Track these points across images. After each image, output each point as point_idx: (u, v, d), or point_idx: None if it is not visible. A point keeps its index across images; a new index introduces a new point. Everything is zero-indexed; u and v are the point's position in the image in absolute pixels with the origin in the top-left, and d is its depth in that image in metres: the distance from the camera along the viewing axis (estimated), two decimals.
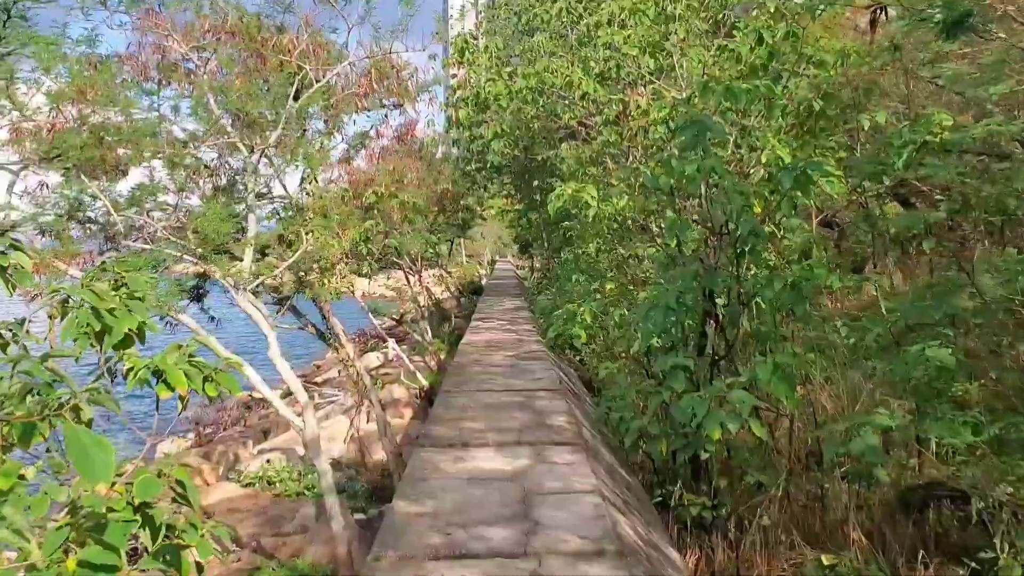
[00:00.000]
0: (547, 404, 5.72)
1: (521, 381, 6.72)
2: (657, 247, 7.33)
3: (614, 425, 5.49)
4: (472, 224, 25.87)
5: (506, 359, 8.02)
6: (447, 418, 5.24)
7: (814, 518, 5.61)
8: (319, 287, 8.07)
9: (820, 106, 6.14)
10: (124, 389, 3.23)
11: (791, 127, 6.48)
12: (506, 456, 4.33)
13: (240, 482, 9.19)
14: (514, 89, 9.72)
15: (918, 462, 5.79)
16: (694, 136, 5.10)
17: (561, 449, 4.50)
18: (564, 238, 12.10)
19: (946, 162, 4.47)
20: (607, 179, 8.68)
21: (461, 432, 4.86)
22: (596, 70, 8.65)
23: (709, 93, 5.89)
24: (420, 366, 14.75)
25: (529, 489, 3.71)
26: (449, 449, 4.47)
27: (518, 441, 4.62)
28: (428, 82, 8.54)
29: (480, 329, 11.02)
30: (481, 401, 5.77)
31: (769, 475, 5.72)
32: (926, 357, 4.33)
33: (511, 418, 5.24)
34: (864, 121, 5.69)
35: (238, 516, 8.07)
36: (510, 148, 13.56)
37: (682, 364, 5.16)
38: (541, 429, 4.97)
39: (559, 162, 11.56)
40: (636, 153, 8.33)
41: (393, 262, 15.77)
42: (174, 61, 7.26)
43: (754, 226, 4.85)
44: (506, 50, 14.09)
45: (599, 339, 9.25)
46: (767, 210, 5.64)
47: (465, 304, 23.61)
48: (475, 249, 46.71)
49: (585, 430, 5.25)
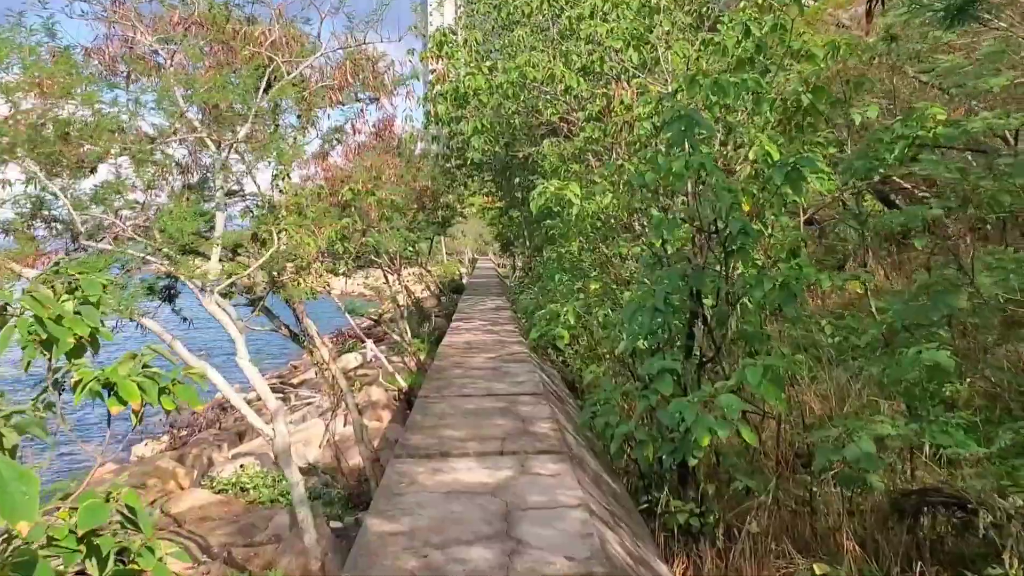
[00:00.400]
0: (530, 410, 5.50)
1: (503, 385, 6.50)
2: (641, 246, 7.16)
3: (599, 430, 5.30)
4: (453, 222, 25.65)
5: (488, 362, 7.80)
6: (426, 426, 5.01)
7: (804, 524, 5.46)
8: (292, 287, 7.81)
9: (809, 100, 5.99)
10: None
11: (777, 122, 6.33)
12: (488, 467, 4.11)
13: (213, 488, 8.89)
14: (494, 83, 9.50)
15: (910, 466, 5.67)
16: (681, 131, 4.92)
17: (545, 458, 4.29)
18: (546, 236, 11.90)
19: (946, 158, 4.32)
20: (590, 176, 8.49)
21: (440, 441, 4.63)
22: (578, 64, 8.45)
23: (696, 87, 5.72)
24: (399, 367, 14.48)
25: (512, 504, 3.49)
26: (427, 460, 4.24)
27: (500, 450, 4.40)
28: (405, 75, 8.28)
29: (461, 330, 10.79)
30: (462, 407, 5.55)
31: (757, 480, 5.57)
32: (922, 359, 4.18)
33: (493, 425, 5.02)
34: (856, 115, 5.55)
35: (209, 524, 7.79)
36: (490, 145, 13.32)
37: (669, 367, 4.99)
38: (524, 437, 4.75)
39: (541, 159, 11.35)
40: (620, 150, 8.15)
41: (372, 260, 15.51)
42: (142, 54, 6.94)
43: (744, 224, 4.67)
44: (486, 45, 13.86)
45: (583, 340, 9.07)
46: (755, 208, 5.48)
47: (446, 303, 23.36)
48: (456, 247, 46.45)
49: (570, 436, 5.05)
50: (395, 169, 17.89)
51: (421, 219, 20.86)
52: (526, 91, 9.74)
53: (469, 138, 12.08)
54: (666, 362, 5.00)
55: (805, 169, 4.69)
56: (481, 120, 9.82)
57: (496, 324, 11.59)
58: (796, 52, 5.96)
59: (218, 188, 5.41)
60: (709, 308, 5.35)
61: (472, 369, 7.27)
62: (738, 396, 4.62)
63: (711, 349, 5.36)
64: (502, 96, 9.80)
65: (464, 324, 11.73)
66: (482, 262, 46.69)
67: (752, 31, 6.12)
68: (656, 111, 6.13)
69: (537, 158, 12.03)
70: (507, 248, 29.41)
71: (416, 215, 20.28)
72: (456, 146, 17.38)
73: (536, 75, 8.69)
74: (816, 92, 5.84)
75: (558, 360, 10.30)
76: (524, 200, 14.62)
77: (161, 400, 3.15)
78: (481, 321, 12.09)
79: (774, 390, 4.59)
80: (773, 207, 5.10)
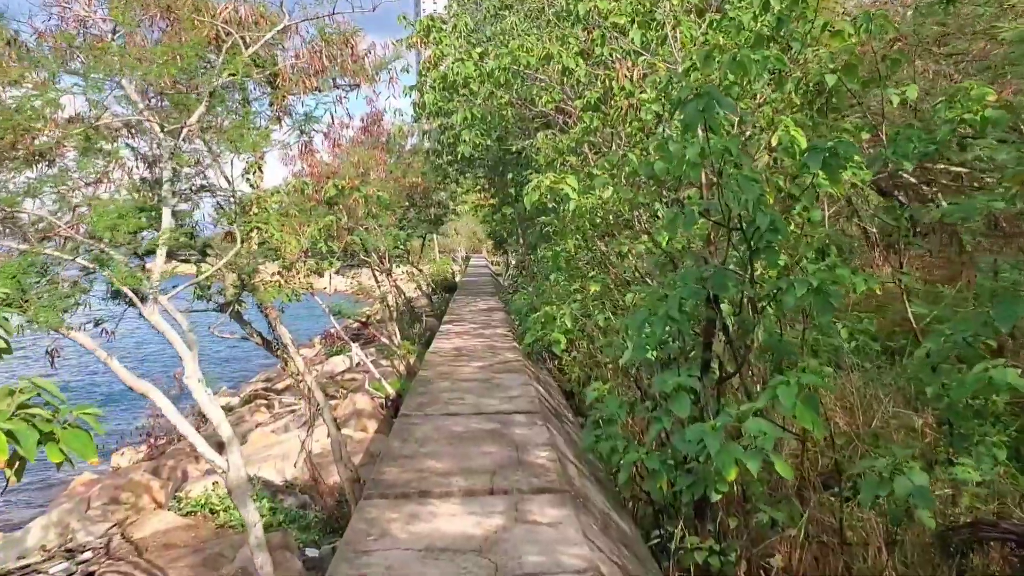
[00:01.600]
0: (525, 433, 4.82)
1: (495, 401, 5.81)
2: (646, 244, 6.50)
3: (604, 456, 4.62)
4: (445, 220, 24.98)
5: (478, 372, 7.11)
6: (404, 454, 4.32)
7: (837, 560, 4.82)
8: (264, 291, 7.11)
9: (835, 81, 5.33)
10: None
11: (798, 107, 5.69)
12: (475, 511, 3.43)
13: (180, 509, 8.18)
14: (485, 71, 8.82)
15: (953, 493, 5.02)
16: (699, 111, 4.22)
17: (544, 500, 3.61)
18: (540, 234, 11.22)
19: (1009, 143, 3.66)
20: (587, 169, 7.81)
21: (420, 475, 3.95)
22: (576, 49, 7.76)
23: (711, 64, 5.05)
24: (388, 371, 13.80)
25: (504, 567, 2.81)
26: (403, 501, 3.55)
27: (490, 488, 3.72)
28: (389, 58, 7.57)
29: (450, 334, 10.09)
30: (447, 430, 4.86)
31: (784, 510, 4.91)
32: (992, 379, 3.52)
33: (482, 454, 4.34)
34: (894, 95, 4.88)
35: (172, 554, 7.08)
36: (482, 138, 12.64)
37: (686, 384, 4.32)
38: (519, 470, 4.07)
39: (535, 153, 10.67)
40: (620, 139, 7.47)
41: (362, 260, 14.86)
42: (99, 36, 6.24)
43: (774, 219, 3.99)
44: (476, 34, 13.16)
45: (581, 346, 8.40)
46: (779, 202, 4.82)
47: (437, 303, 22.66)
48: (449, 245, 45.74)
49: (571, 466, 4.37)
50: (383, 165, 17.23)
51: (412, 216, 20.19)
52: (519, 79, 9.08)
53: (460, 132, 11.41)
54: (682, 379, 4.33)
55: (845, 155, 4.02)
56: (471, 110, 9.12)
57: (488, 327, 10.90)
58: (824, 26, 5.29)
59: (166, 180, 4.70)
60: (730, 316, 4.69)
61: (460, 381, 6.59)
62: (766, 419, 3.98)
63: (732, 363, 4.69)
64: (493, 85, 9.12)
65: (454, 327, 11.04)
66: (475, 260, 46.03)
67: (772, 4, 5.47)
68: (665, 93, 5.44)
69: (531, 152, 11.36)
70: (500, 246, 28.76)
71: (407, 212, 19.61)
72: (447, 141, 16.69)
73: (530, 60, 8.01)
74: (848, 70, 5.17)
75: (554, 367, 9.62)
76: (517, 197, 13.95)
77: (47, 450, 2.48)
78: (472, 324, 11.40)
79: (811, 414, 3.94)
80: (803, 200, 4.42)
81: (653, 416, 4.49)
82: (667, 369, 5.02)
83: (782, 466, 3.85)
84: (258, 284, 7.14)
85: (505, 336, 9.79)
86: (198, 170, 6.87)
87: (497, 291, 19.80)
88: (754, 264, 4.39)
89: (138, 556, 7.09)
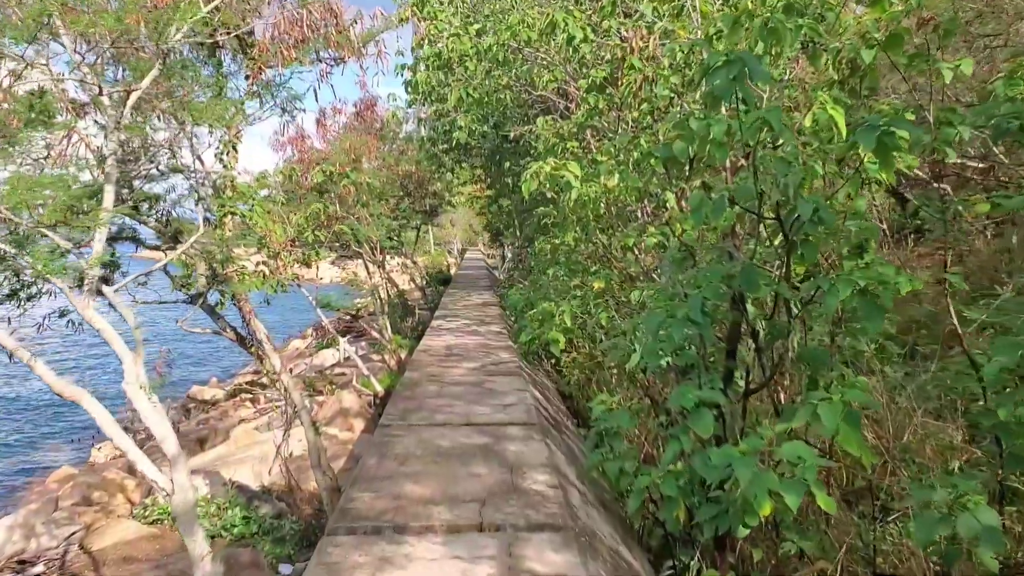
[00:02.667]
0: (521, 449, 4.21)
1: (487, 409, 5.20)
2: (658, 236, 5.88)
3: (612, 479, 4.02)
4: (440, 210, 24.35)
5: (470, 374, 6.50)
6: (380, 475, 3.70)
7: None
8: (240, 282, 6.50)
9: (874, 56, 4.71)
10: None
11: (834, 83, 5.08)
12: (459, 556, 2.83)
13: (146, 518, 7.57)
14: (482, 48, 8.19)
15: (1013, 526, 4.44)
16: (731, 80, 3.60)
17: (543, 539, 3.01)
18: (539, 225, 10.59)
19: None
20: (590, 156, 7.19)
21: (397, 503, 3.34)
22: (582, 21, 7.13)
23: (738, 31, 4.43)
24: (378, 367, 13.19)
25: None
26: (374, 539, 2.95)
27: (479, 524, 3.11)
28: (377, 29, 6.92)
29: (442, 330, 9.47)
30: (432, 444, 4.25)
31: (812, 538, 4.33)
32: None
33: (471, 476, 3.73)
34: (946, 71, 4.27)
35: (131, 568, 6.48)
36: (478, 124, 12.00)
37: (708, 399, 3.73)
38: (513, 498, 3.47)
39: (534, 139, 10.04)
40: (627, 124, 6.84)
41: (355, 251, 14.27)
42: None
43: (818, 205, 3.38)
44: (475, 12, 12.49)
45: (582, 346, 7.81)
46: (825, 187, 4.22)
47: (431, 296, 22.05)
48: (444, 237, 45.06)
49: (574, 492, 3.77)
50: (376, 151, 16.58)
51: (406, 206, 19.54)
52: (519, 59, 8.45)
53: (453, 113, 10.77)
54: (704, 392, 3.74)
55: (902, 133, 3.41)
56: (466, 89, 8.48)
57: (482, 323, 10.29)
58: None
59: (110, 154, 4.06)
60: (759, 319, 4.08)
61: (450, 385, 5.97)
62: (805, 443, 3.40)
63: (761, 375, 4.08)
64: (491, 62, 8.49)
65: (446, 323, 10.42)
66: (471, 252, 45.38)
67: None
68: (686, 63, 4.82)
69: (530, 139, 10.73)
70: (497, 238, 28.15)
71: (401, 202, 18.97)
72: (443, 128, 16.04)
73: (531, 35, 7.37)
74: (892, 42, 4.55)
75: (552, 368, 9.02)
76: (514, 187, 13.32)
77: None
78: (466, 320, 10.78)
79: (856, 436, 3.35)
80: (851, 186, 3.81)
81: (669, 434, 3.89)
82: (684, 378, 4.43)
83: (824, 499, 3.25)
84: (232, 274, 6.53)
85: (500, 334, 9.19)
86: (160, 147, 6.25)
87: (492, 285, 19.16)
88: (791, 260, 3.78)
89: (94, 571, 6.48)
